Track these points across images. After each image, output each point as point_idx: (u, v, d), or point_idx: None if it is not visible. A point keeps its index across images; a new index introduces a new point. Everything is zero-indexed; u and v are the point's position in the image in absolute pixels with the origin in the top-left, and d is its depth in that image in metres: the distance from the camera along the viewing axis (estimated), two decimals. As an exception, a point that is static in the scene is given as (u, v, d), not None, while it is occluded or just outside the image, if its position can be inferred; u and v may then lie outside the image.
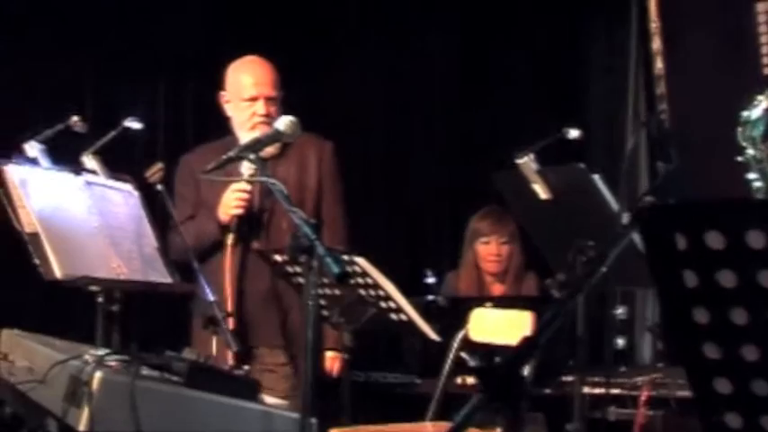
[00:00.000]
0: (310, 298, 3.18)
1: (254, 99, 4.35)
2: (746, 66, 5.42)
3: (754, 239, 1.55)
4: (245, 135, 4.28)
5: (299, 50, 6.05)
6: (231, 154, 3.63)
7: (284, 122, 3.69)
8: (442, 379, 3.83)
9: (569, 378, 4.24)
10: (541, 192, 3.41)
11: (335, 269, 3.05)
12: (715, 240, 1.58)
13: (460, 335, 3.83)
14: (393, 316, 3.79)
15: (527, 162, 3.39)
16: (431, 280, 4.95)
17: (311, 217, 3.57)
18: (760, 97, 2.09)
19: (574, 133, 3.52)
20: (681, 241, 1.61)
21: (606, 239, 3.36)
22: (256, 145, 3.70)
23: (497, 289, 5.39)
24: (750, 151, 2.13)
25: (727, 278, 1.59)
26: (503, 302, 4.68)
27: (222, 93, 4.47)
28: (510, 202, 3.82)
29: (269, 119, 4.25)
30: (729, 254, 1.58)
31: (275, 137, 3.77)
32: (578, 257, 3.43)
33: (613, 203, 3.32)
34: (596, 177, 3.28)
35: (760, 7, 5.34)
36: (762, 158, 2.13)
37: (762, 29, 5.35)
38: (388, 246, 6.08)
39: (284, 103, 4.39)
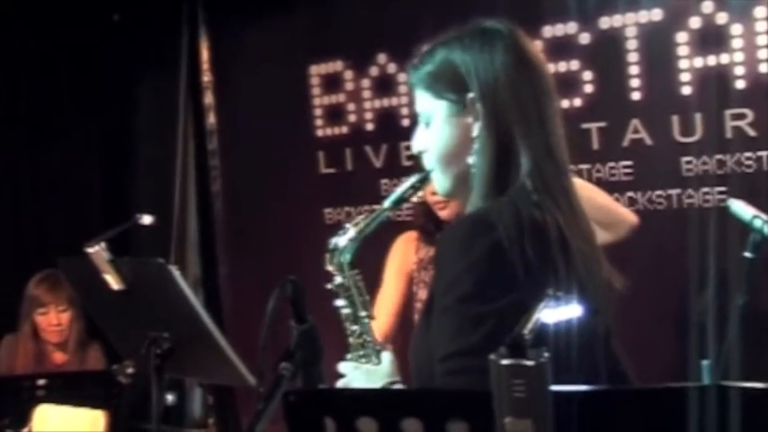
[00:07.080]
0: None
1: None
2: (299, 125, 5.49)
3: (409, 426, 1.50)
4: None
5: None
6: None
7: None
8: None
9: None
10: (113, 282, 3.19)
11: None
12: (368, 426, 1.52)
13: (24, 433, 3.50)
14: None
15: (98, 251, 3.16)
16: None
17: None
18: (348, 225, 2.08)
19: (147, 219, 3.34)
20: (330, 425, 1.54)
21: (181, 331, 3.23)
22: None
23: (59, 358, 5.05)
24: (338, 279, 2.10)
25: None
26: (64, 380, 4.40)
27: None
28: (78, 290, 3.56)
29: None
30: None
31: None
32: (152, 348, 3.26)
33: (191, 297, 3.18)
34: (175, 271, 3.11)
35: (313, 70, 5.43)
36: (349, 286, 2.11)
37: (315, 91, 5.45)
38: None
39: None
